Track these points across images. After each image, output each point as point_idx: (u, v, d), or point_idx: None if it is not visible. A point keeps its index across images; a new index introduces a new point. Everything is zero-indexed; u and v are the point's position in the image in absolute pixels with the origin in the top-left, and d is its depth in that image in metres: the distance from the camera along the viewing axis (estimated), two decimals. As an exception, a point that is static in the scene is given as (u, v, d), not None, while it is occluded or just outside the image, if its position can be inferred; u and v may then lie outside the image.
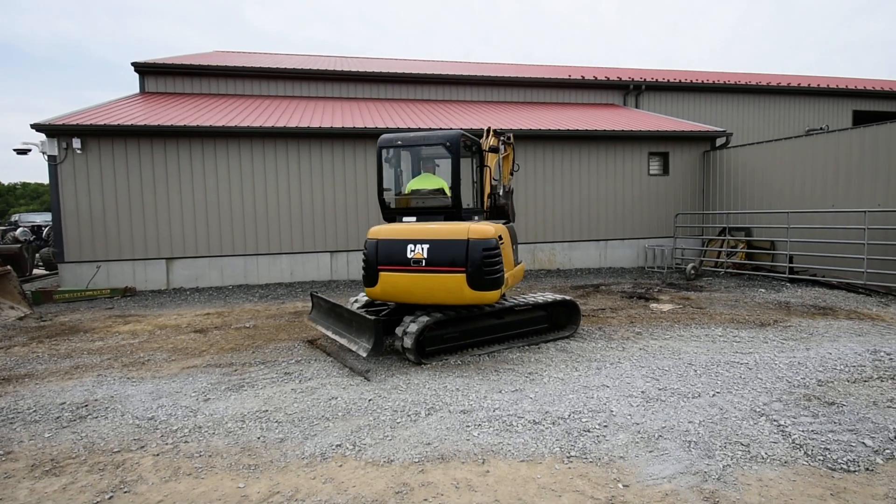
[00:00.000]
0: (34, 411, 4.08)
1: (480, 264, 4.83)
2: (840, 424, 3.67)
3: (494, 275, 4.93)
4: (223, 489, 2.90)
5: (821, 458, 3.21)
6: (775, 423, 3.69)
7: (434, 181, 5.71)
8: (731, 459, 3.19)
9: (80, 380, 4.86)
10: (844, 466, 3.12)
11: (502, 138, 6.52)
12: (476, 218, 5.85)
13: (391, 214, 5.77)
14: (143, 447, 3.43)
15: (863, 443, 3.40)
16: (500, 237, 5.21)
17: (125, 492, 2.89)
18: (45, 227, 17.52)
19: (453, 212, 5.42)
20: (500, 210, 6.32)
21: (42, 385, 4.73)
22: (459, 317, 5.26)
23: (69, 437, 3.61)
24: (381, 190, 5.79)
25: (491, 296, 4.97)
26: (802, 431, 3.55)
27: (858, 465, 3.13)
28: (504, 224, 5.90)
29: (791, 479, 2.99)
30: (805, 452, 3.28)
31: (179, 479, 3.02)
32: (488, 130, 6.40)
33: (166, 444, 3.47)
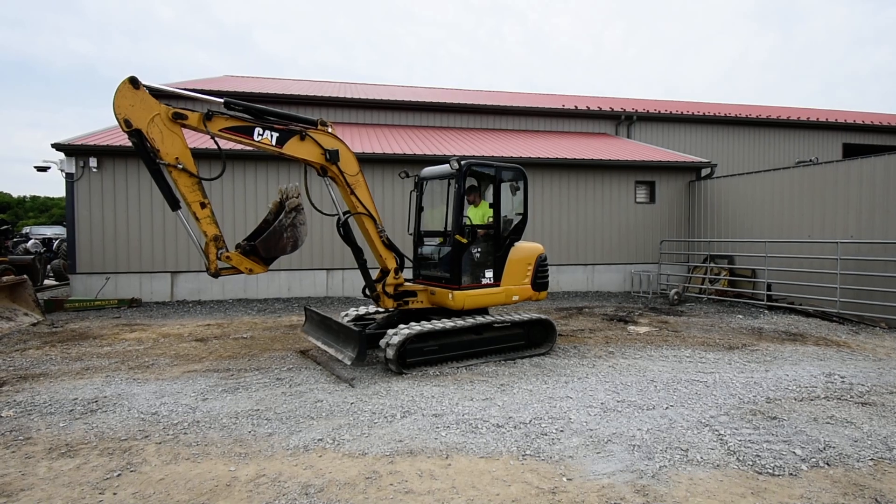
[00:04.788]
0: (49, 405, 4.52)
1: None
2: (776, 436, 4.05)
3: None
4: (216, 471, 3.32)
5: (750, 463, 3.60)
6: (716, 432, 4.08)
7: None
8: (669, 461, 3.58)
9: (90, 380, 5.31)
10: (770, 471, 3.50)
11: None
12: None
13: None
14: (147, 437, 3.86)
15: (793, 452, 3.78)
16: None
17: (131, 471, 3.32)
18: (56, 239, 18.12)
19: None
20: None
21: (56, 383, 5.18)
22: (439, 331, 5.70)
23: (81, 426, 4.05)
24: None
25: None
26: (739, 440, 3.94)
27: (784, 471, 3.51)
28: None
29: (719, 480, 3.37)
30: (738, 458, 3.67)
31: (179, 462, 3.44)
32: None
33: (168, 434, 3.90)
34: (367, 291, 6.17)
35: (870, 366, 6.12)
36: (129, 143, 11.11)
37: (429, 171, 6.88)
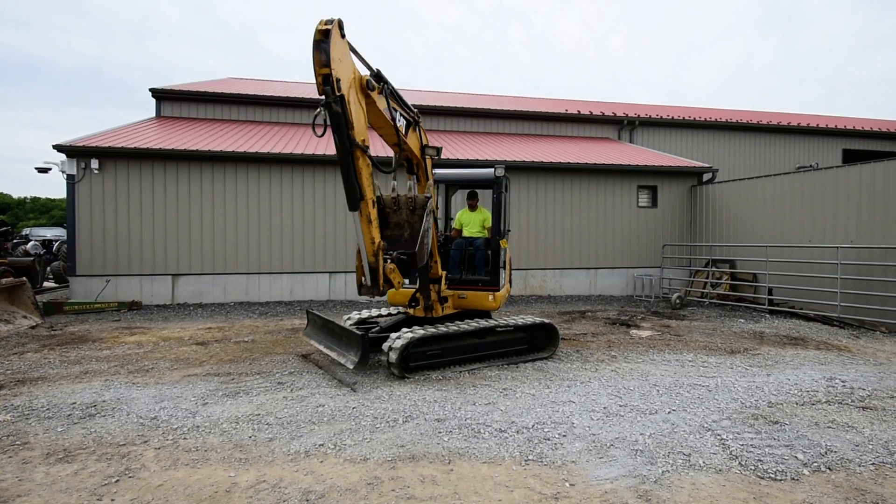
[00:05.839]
0: (47, 409, 4.50)
1: None
2: (778, 440, 4.03)
3: None
4: (216, 477, 3.30)
5: (752, 467, 3.58)
6: (718, 437, 4.06)
7: None
8: (671, 466, 3.56)
9: (89, 383, 5.28)
10: (773, 476, 3.48)
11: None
12: None
13: None
14: (146, 442, 3.84)
15: (795, 456, 3.76)
16: None
17: (130, 477, 3.29)
18: (56, 241, 18.09)
19: None
20: None
21: (54, 387, 5.15)
22: (442, 335, 5.69)
23: (79, 431, 4.02)
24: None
25: None
26: (741, 445, 3.92)
27: (786, 475, 3.49)
28: None
29: (721, 485, 3.35)
30: (740, 462, 3.65)
31: (178, 468, 3.42)
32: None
33: (167, 439, 3.88)
34: (422, 301, 6.04)
35: (870, 370, 6.11)
36: (132, 146, 11.09)
37: (440, 173, 6.92)
